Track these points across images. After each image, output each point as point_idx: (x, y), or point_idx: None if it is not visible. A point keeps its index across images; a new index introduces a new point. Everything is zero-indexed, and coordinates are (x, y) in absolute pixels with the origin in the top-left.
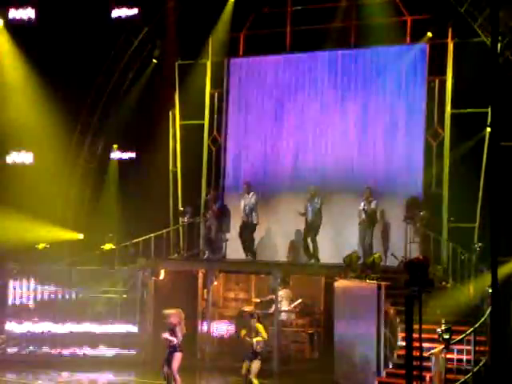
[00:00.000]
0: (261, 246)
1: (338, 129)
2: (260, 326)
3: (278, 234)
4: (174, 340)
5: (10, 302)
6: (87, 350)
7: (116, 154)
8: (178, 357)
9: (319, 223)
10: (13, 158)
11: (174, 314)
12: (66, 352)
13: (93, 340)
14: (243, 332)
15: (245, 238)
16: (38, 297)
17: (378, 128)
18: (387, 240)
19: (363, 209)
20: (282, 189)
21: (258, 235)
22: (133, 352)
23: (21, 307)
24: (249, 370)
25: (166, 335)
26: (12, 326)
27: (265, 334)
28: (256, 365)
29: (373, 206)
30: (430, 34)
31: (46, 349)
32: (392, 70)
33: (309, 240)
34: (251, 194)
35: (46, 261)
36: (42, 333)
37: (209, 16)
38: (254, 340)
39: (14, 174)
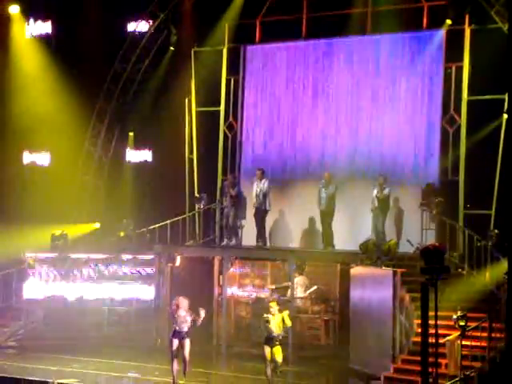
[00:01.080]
0: (275, 232)
1: (353, 116)
2: (285, 314)
3: (292, 221)
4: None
5: None
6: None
7: (133, 143)
8: (189, 343)
9: (333, 209)
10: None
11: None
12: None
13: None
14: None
15: (257, 223)
16: None
17: (394, 115)
18: (401, 227)
19: (376, 196)
20: (297, 175)
21: (272, 222)
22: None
23: None
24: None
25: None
26: None
27: (289, 322)
28: (279, 350)
29: (385, 192)
30: (449, 21)
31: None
32: (408, 57)
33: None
34: (264, 180)
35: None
36: None
37: (225, 2)
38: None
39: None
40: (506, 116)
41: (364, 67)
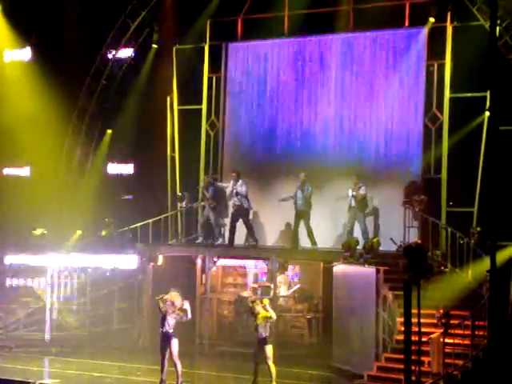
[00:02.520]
0: (257, 231)
1: (335, 113)
2: (267, 312)
3: (274, 219)
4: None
5: None
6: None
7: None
8: (177, 343)
9: (308, 210)
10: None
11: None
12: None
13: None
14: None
15: (245, 224)
16: None
17: (376, 112)
18: (383, 225)
19: (352, 195)
20: (279, 174)
21: (254, 221)
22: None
23: None
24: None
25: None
26: None
27: (274, 315)
28: (270, 350)
29: (361, 191)
30: (432, 20)
31: None
32: (390, 55)
33: (300, 226)
34: (240, 181)
35: (44, 247)
36: None
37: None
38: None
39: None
40: (487, 113)
41: (346, 65)
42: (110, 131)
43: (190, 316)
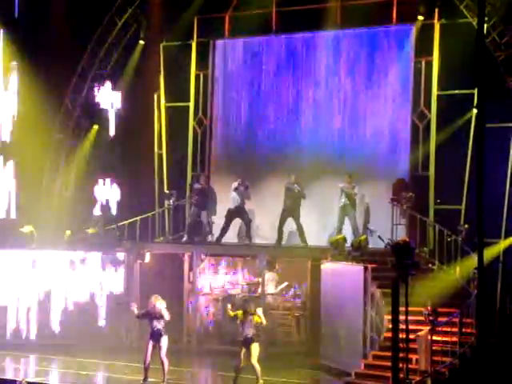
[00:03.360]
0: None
1: (323, 110)
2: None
3: (263, 217)
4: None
5: None
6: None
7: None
8: (166, 340)
9: (298, 208)
10: None
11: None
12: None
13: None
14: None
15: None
16: None
17: (364, 109)
18: (370, 222)
19: (345, 194)
20: (267, 171)
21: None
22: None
23: None
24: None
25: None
26: None
27: (264, 321)
28: (256, 348)
29: (355, 190)
30: (421, 18)
31: None
32: (378, 52)
33: (286, 224)
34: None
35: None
36: None
37: None
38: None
39: None
40: (475, 111)
41: (334, 62)
42: (96, 127)
43: (167, 318)
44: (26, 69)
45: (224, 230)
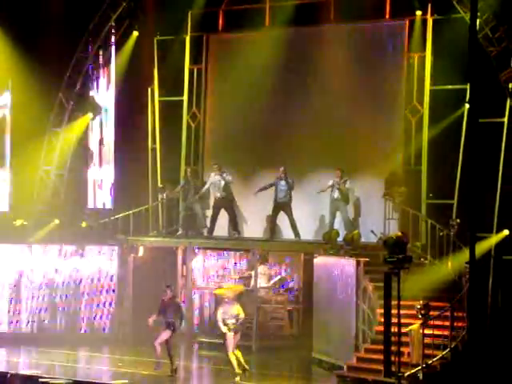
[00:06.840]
0: (238, 222)
1: (317, 104)
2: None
3: (255, 211)
4: None
5: None
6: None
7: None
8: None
9: (290, 202)
10: None
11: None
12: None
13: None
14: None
15: (230, 215)
16: None
17: (357, 104)
18: (363, 216)
19: (337, 188)
20: (259, 165)
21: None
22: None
23: None
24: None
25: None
26: None
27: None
28: (231, 338)
29: (347, 185)
30: (419, 13)
31: None
32: (371, 47)
33: (279, 218)
34: (225, 172)
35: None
36: None
37: None
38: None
39: None
40: (467, 106)
41: (327, 57)
42: (89, 115)
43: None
44: (19, 63)
45: (212, 222)
